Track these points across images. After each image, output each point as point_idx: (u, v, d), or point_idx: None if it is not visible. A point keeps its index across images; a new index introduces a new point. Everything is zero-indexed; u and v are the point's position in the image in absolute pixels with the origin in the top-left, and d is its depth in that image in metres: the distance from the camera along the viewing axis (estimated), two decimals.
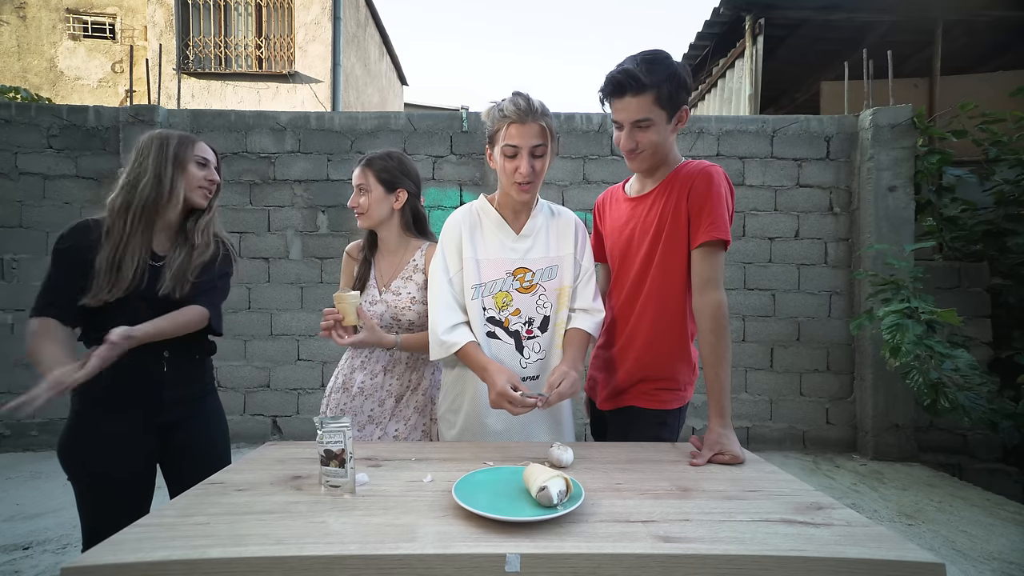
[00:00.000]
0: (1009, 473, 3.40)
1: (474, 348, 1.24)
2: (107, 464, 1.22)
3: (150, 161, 1.26)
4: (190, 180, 1.30)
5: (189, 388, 1.34)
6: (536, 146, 1.23)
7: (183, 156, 1.29)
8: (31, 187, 3.59)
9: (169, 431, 1.31)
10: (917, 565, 0.70)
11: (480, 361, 1.21)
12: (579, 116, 3.73)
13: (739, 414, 3.65)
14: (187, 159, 1.29)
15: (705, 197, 1.21)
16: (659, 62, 1.18)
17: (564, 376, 1.16)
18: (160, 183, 1.25)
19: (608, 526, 0.78)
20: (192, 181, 1.30)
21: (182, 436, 1.32)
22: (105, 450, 1.22)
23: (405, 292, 1.48)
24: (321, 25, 7.21)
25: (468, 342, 1.24)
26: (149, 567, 0.68)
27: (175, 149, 1.28)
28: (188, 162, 1.30)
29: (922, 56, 5.22)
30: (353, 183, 1.49)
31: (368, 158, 1.50)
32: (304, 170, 3.70)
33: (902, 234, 3.47)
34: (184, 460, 1.33)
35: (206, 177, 1.34)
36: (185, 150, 1.29)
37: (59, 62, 7.67)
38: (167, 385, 1.29)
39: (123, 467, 1.24)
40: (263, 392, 3.70)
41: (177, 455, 1.33)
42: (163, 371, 1.28)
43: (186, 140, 1.31)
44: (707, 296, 1.20)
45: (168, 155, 1.27)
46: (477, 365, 1.22)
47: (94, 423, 1.23)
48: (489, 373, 1.17)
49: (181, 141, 1.30)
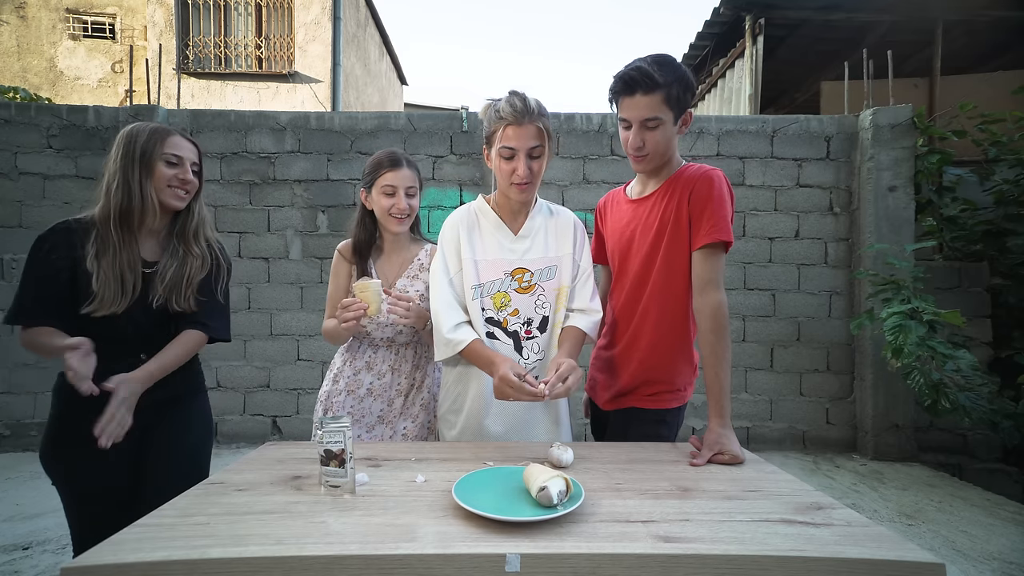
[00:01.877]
0: (1009, 473, 3.40)
1: (479, 345, 1.24)
2: (90, 470, 1.16)
3: (118, 162, 1.17)
4: (158, 181, 1.19)
5: (169, 390, 1.25)
6: (533, 147, 1.23)
7: (150, 154, 1.18)
8: (31, 187, 3.59)
9: (145, 432, 1.22)
10: (917, 565, 0.70)
11: (486, 355, 1.21)
12: (579, 116, 3.73)
13: (739, 414, 3.65)
14: (154, 157, 1.18)
15: (707, 200, 1.21)
16: (669, 64, 1.21)
17: (572, 371, 1.13)
18: (129, 188, 1.17)
19: (608, 526, 0.78)
20: (160, 181, 1.19)
21: (157, 436, 1.24)
22: (87, 456, 1.14)
23: (413, 290, 1.48)
24: (321, 25, 7.21)
25: (473, 339, 1.24)
26: (149, 567, 0.68)
27: (142, 147, 1.18)
28: (156, 160, 1.19)
29: (922, 56, 5.22)
30: (401, 186, 1.43)
31: (408, 159, 1.48)
32: (304, 170, 3.70)
33: (902, 234, 3.47)
34: (155, 462, 1.24)
35: (177, 176, 1.22)
36: (152, 147, 1.18)
37: (59, 62, 7.67)
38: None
39: (106, 473, 1.18)
40: (263, 392, 3.70)
41: (148, 456, 1.24)
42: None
43: (155, 135, 1.20)
44: (707, 297, 1.20)
45: (134, 154, 1.17)
46: (483, 360, 1.22)
47: (75, 426, 1.15)
48: (495, 364, 1.17)
49: (150, 137, 1.19)
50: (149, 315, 1.22)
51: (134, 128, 1.20)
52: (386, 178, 1.44)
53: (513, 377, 1.10)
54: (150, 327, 1.24)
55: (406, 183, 1.44)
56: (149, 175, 1.19)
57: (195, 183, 1.27)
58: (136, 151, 1.17)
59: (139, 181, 1.17)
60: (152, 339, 1.25)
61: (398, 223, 1.46)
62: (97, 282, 1.15)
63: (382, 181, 1.44)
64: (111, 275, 1.16)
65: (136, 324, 1.21)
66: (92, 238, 1.17)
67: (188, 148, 1.24)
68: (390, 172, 1.44)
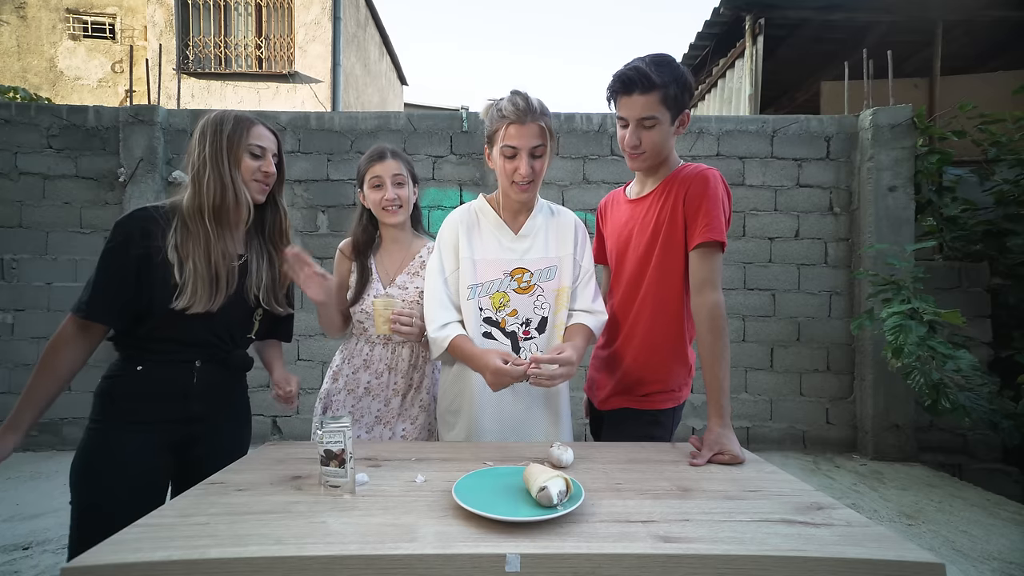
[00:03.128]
0: (1009, 473, 3.40)
1: (462, 340, 1.24)
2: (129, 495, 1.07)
3: (207, 153, 1.12)
4: (244, 173, 1.15)
5: (216, 402, 1.20)
6: (535, 147, 1.23)
7: (236, 145, 1.14)
8: (31, 187, 3.59)
9: (187, 447, 1.18)
10: (917, 565, 0.69)
11: (469, 351, 1.22)
12: (579, 116, 3.73)
13: (739, 414, 3.64)
14: (240, 148, 1.14)
15: (701, 199, 1.21)
16: (667, 64, 1.21)
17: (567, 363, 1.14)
18: (222, 181, 1.12)
19: (608, 526, 0.78)
20: (245, 174, 1.15)
21: (197, 451, 1.18)
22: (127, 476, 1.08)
23: (412, 287, 1.48)
24: (321, 25, 7.21)
25: (457, 335, 1.24)
26: (149, 567, 0.68)
27: (228, 137, 1.13)
28: (242, 152, 1.14)
29: (922, 56, 5.22)
30: (387, 175, 1.44)
31: (393, 150, 1.49)
32: (304, 170, 3.70)
33: (902, 234, 3.46)
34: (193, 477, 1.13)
35: (261, 168, 1.18)
36: (239, 138, 1.14)
37: (59, 62, 7.67)
38: (193, 397, 1.15)
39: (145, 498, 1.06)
40: (263, 392, 3.68)
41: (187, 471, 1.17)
42: (192, 382, 1.16)
43: (240, 125, 1.15)
44: (704, 297, 1.20)
45: (221, 145, 1.12)
46: (467, 356, 1.22)
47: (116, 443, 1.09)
48: (478, 359, 1.18)
49: (235, 127, 1.14)
50: (243, 313, 1.18)
51: (219, 116, 1.15)
52: (372, 171, 1.46)
53: (503, 366, 1.14)
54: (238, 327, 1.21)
55: (391, 172, 1.45)
56: (237, 167, 1.14)
57: (275, 175, 1.23)
58: (223, 142, 1.12)
59: (230, 174, 1.12)
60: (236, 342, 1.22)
61: (391, 214, 1.47)
62: (183, 274, 1.08)
63: (369, 175, 1.46)
64: (203, 268, 1.10)
65: (229, 324, 1.16)
66: (174, 228, 1.11)
67: (270, 139, 1.20)
68: (376, 164, 1.46)
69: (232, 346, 1.22)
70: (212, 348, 1.18)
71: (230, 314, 1.18)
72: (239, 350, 1.25)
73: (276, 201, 1.26)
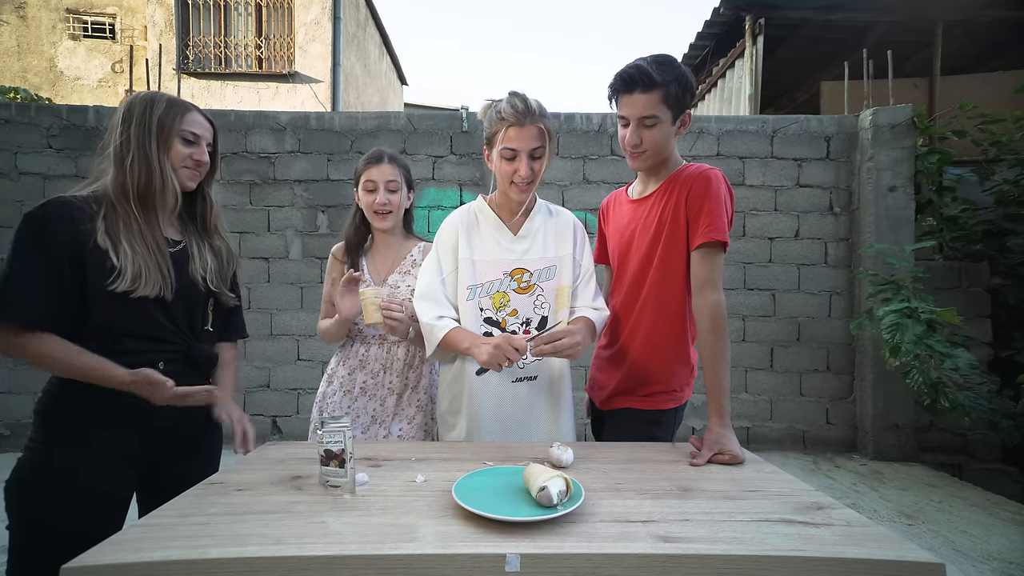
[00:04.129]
0: (1009, 473, 3.40)
1: (456, 332, 1.24)
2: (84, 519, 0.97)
3: (132, 132, 1.05)
4: (173, 159, 1.08)
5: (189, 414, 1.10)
6: (535, 148, 1.23)
7: (168, 129, 1.07)
8: (31, 187, 3.58)
9: (158, 468, 1.09)
10: (917, 565, 0.69)
11: (464, 335, 1.23)
12: (579, 116, 3.73)
13: (739, 414, 3.64)
14: (172, 133, 1.07)
15: (703, 199, 1.21)
16: (669, 64, 1.21)
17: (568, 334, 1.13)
18: (148, 163, 1.05)
19: (608, 526, 0.78)
20: (175, 160, 1.09)
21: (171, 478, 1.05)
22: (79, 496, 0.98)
23: (404, 285, 1.48)
24: (321, 25, 7.22)
25: (451, 328, 1.24)
26: (149, 567, 0.68)
27: (160, 119, 1.06)
28: (173, 137, 1.08)
29: (922, 56, 5.22)
30: (380, 180, 1.44)
31: (390, 155, 1.49)
32: (304, 170, 3.70)
33: (902, 234, 3.46)
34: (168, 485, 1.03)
35: (192, 156, 1.11)
36: (171, 122, 1.07)
37: (59, 62, 7.67)
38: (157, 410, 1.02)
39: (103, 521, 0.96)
40: (263, 392, 3.70)
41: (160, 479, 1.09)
42: None
43: (173, 109, 1.08)
44: (705, 297, 1.20)
45: (150, 126, 1.05)
46: (462, 347, 1.22)
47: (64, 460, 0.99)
48: (475, 346, 1.18)
49: (168, 110, 1.07)
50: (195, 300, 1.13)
51: (149, 96, 1.08)
52: (368, 174, 1.46)
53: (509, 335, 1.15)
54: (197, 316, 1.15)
55: (386, 177, 1.45)
56: (166, 151, 1.07)
57: (207, 164, 1.16)
58: (153, 123, 1.05)
59: (157, 157, 1.05)
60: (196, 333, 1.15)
61: (381, 219, 1.47)
62: (119, 256, 1.00)
63: (364, 177, 1.47)
64: (142, 249, 1.02)
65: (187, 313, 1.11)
66: (102, 214, 1.03)
67: (205, 127, 1.14)
68: (372, 168, 1.46)
69: (192, 338, 1.14)
70: (172, 343, 1.09)
71: (184, 301, 1.12)
72: (200, 343, 1.16)
73: (205, 193, 1.20)
